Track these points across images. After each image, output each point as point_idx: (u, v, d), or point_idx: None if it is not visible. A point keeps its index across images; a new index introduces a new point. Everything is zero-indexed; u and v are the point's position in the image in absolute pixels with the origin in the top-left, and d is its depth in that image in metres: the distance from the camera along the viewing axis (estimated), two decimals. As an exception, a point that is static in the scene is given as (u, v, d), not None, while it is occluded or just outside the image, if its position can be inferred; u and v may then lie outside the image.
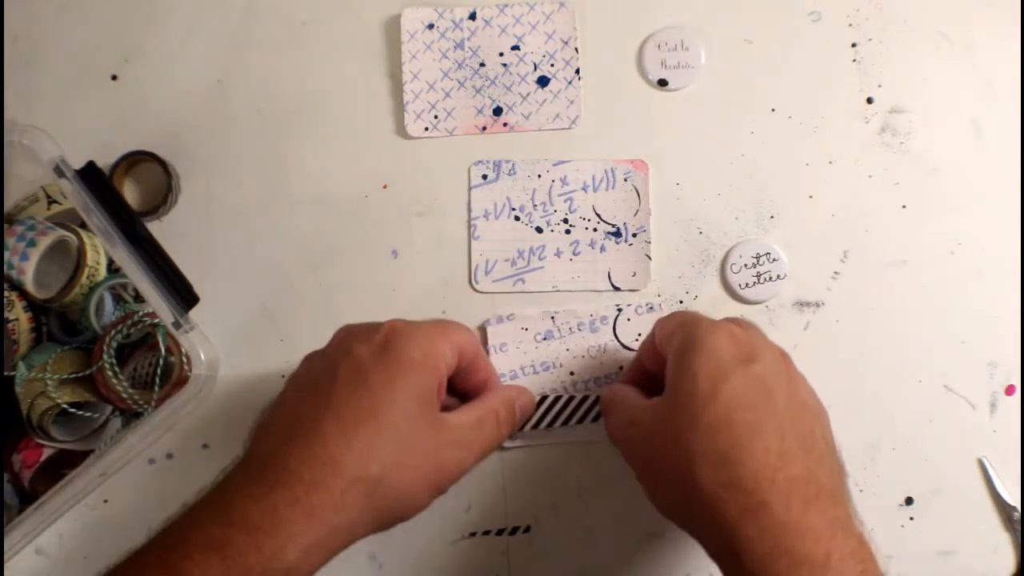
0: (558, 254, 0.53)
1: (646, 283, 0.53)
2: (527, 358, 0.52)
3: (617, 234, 0.53)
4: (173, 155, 0.54)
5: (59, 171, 0.49)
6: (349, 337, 0.44)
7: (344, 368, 0.42)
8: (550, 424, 0.52)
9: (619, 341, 0.52)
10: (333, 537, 0.39)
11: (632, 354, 0.52)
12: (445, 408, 0.44)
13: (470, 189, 0.54)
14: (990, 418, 0.52)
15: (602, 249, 0.53)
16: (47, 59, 0.55)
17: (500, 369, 0.52)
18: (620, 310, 0.52)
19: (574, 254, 0.53)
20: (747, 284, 0.52)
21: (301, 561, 0.38)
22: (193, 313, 0.50)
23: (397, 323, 0.44)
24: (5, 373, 0.52)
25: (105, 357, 0.52)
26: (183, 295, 0.50)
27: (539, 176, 0.54)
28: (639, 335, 0.52)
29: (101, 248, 0.53)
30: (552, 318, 0.53)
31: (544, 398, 0.52)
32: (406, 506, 0.42)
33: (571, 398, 0.52)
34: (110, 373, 0.52)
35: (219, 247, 0.54)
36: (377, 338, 0.43)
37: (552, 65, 0.54)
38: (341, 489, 0.39)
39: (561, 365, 0.53)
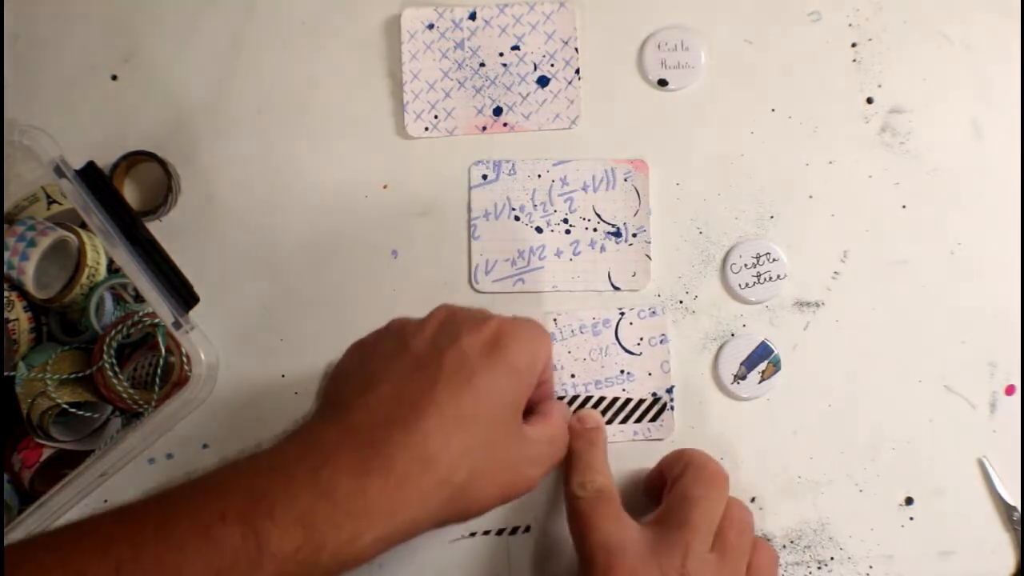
0: (558, 254, 0.53)
1: (646, 283, 0.53)
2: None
3: (617, 234, 0.53)
4: (173, 155, 0.54)
5: (59, 171, 0.49)
6: (455, 322, 0.43)
7: (451, 358, 0.41)
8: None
9: (621, 345, 0.52)
10: (405, 531, 0.39)
11: (632, 357, 0.52)
12: None
13: (470, 189, 0.54)
14: (990, 418, 0.52)
15: (602, 249, 0.53)
16: (47, 59, 0.55)
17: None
18: (623, 314, 0.53)
19: (574, 254, 0.53)
20: (747, 284, 0.52)
21: (370, 548, 0.38)
22: (193, 313, 0.50)
23: (504, 321, 0.43)
24: (5, 373, 0.52)
25: (105, 357, 0.52)
26: (183, 295, 0.50)
27: (539, 176, 0.54)
28: (640, 339, 0.52)
29: (101, 248, 0.53)
30: (555, 320, 0.53)
31: (560, 399, 0.52)
32: (473, 512, 0.42)
33: (575, 397, 0.52)
34: (110, 373, 0.52)
35: (219, 247, 0.54)
36: (487, 333, 0.42)
37: (552, 65, 0.54)
38: (429, 488, 0.39)
39: (562, 367, 0.53)
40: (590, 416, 0.50)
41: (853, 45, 0.54)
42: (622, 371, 0.52)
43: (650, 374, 0.52)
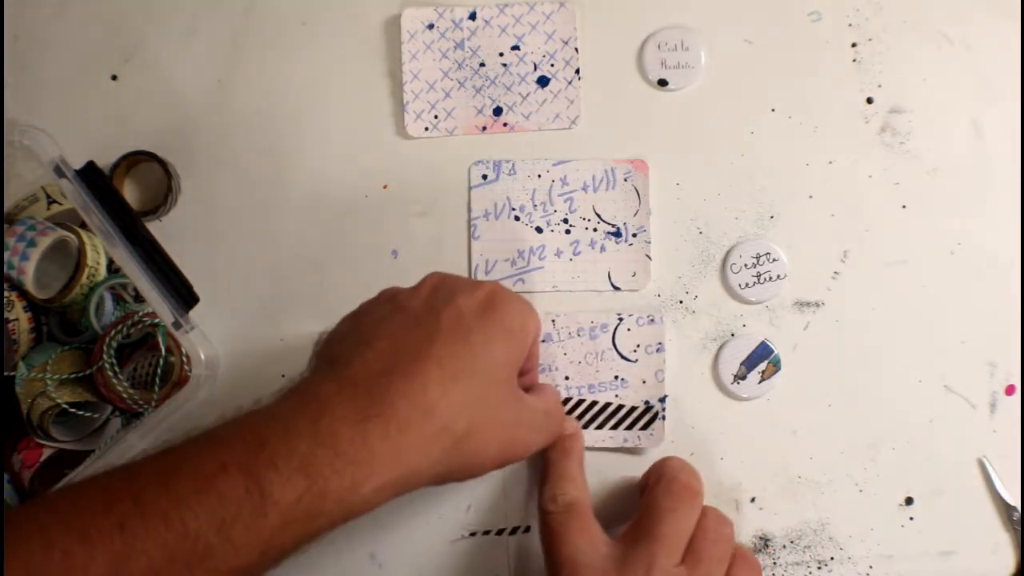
0: (558, 254, 0.53)
1: (646, 283, 0.53)
2: (526, 358, 0.52)
3: (617, 234, 0.53)
4: (173, 155, 0.54)
5: (59, 171, 0.49)
6: (448, 286, 0.44)
7: (447, 316, 0.42)
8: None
9: (617, 351, 0.52)
10: (406, 479, 0.39)
11: (628, 364, 0.52)
12: None
13: (470, 189, 0.54)
14: (990, 418, 0.52)
15: (602, 249, 0.53)
16: (47, 59, 0.55)
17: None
18: (621, 319, 0.52)
19: (574, 254, 0.53)
20: (747, 284, 0.52)
21: (373, 496, 0.38)
22: (193, 313, 0.50)
23: (497, 286, 0.44)
24: (5, 373, 0.52)
25: (105, 357, 0.52)
26: (183, 295, 0.50)
27: (539, 176, 0.54)
28: (637, 346, 0.52)
29: (101, 248, 0.53)
30: (553, 321, 0.53)
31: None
32: (473, 467, 0.42)
33: (567, 400, 0.52)
34: (110, 373, 0.52)
35: (219, 247, 0.54)
36: (480, 295, 0.43)
37: (552, 65, 0.54)
38: (429, 435, 0.39)
39: (557, 368, 0.53)
40: (568, 422, 0.51)
41: (853, 45, 0.54)
42: (616, 377, 0.52)
43: (644, 382, 0.52)
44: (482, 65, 0.54)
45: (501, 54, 0.54)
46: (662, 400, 0.52)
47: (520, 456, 0.45)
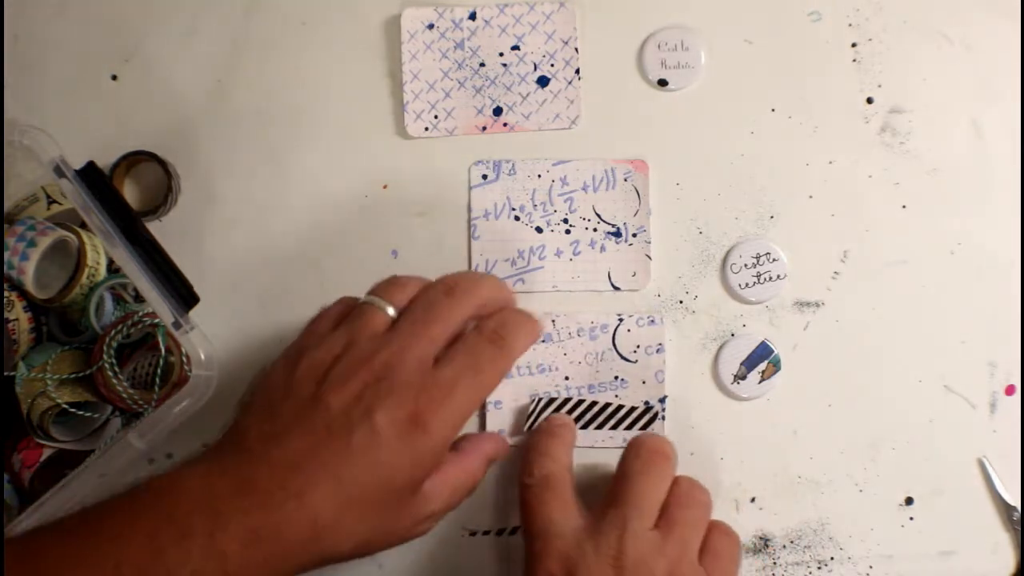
0: (558, 254, 0.53)
1: (646, 283, 0.53)
2: (524, 359, 0.52)
3: (617, 234, 0.53)
4: (173, 155, 0.54)
5: (59, 171, 0.49)
6: (376, 388, 0.41)
7: (361, 436, 0.40)
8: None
9: (617, 351, 0.52)
10: None
11: (628, 365, 0.52)
12: None
13: (470, 189, 0.54)
14: (990, 418, 0.52)
15: (602, 249, 0.53)
16: (47, 59, 0.55)
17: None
18: (621, 320, 0.52)
19: (574, 254, 0.53)
20: (747, 284, 0.52)
21: None
22: (193, 313, 0.50)
23: (432, 400, 0.41)
24: (5, 373, 0.52)
25: (105, 357, 0.52)
26: (183, 295, 0.50)
27: (539, 176, 0.54)
28: (637, 347, 0.52)
29: (101, 248, 0.53)
30: (553, 321, 0.53)
31: (552, 400, 0.52)
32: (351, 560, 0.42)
33: (567, 399, 0.52)
34: (110, 373, 0.52)
35: (219, 247, 0.54)
36: (402, 414, 0.40)
37: (552, 65, 0.54)
38: (314, 555, 0.39)
39: (557, 369, 0.53)
40: (558, 416, 0.51)
41: (853, 45, 0.54)
42: (616, 377, 0.52)
43: (644, 382, 0.52)
44: (482, 65, 0.54)
45: (501, 54, 0.54)
46: (662, 401, 0.52)
47: (418, 537, 0.45)
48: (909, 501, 0.52)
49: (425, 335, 0.43)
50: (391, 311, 0.44)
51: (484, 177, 0.54)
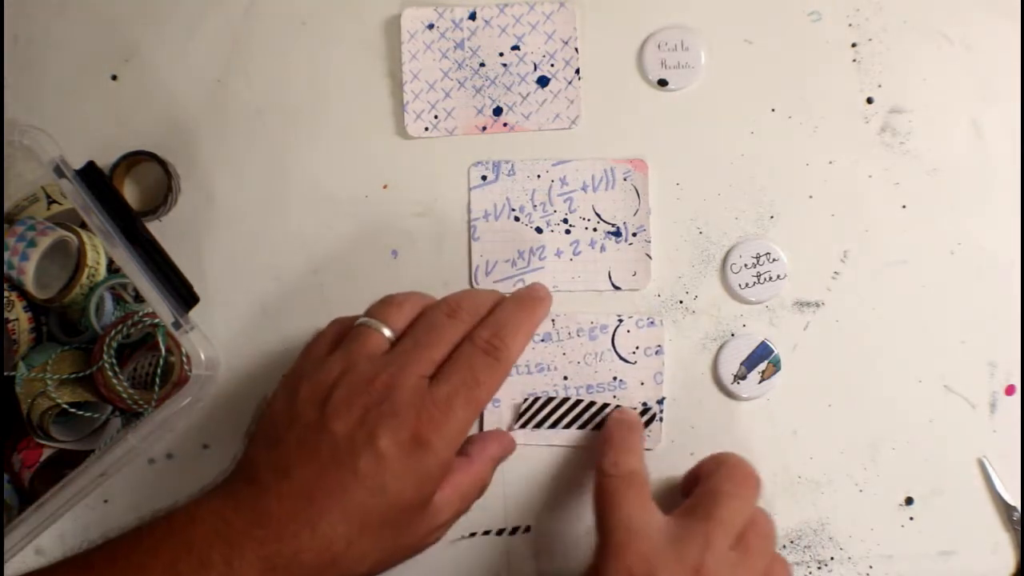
0: (558, 254, 0.53)
1: (646, 283, 0.53)
2: (523, 358, 0.52)
3: (617, 234, 0.53)
4: (173, 155, 0.54)
5: (59, 171, 0.49)
6: (378, 411, 0.41)
7: (366, 463, 0.40)
8: (551, 424, 0.52)
9: (616, 352, 0.52)
10: None
11: (627, 366, 0.52)
12: None
13: (470, 190, 0.54)
14: (990, 418, 0.52)
15: (602, 249, 0.53)
16: (47, 59, 0.55)
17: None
18: (621, 320, 0.52)
19: (574, 254, 0.53)
20: (747, 284, 0.52)
21: None
22: (193, 313, 0.50)
23: (431, 420, 0.41)
24: (5, 373, 0.52)
25: (105, 357, 0.52)
26: (183, 295, 0.50)
27: (539, 176, 0.54)
28: (636, 348, 0.52)
29: (101, 248, 0.53)
30: (552, 321, 0.53)
31: (550, 399, 0.52)
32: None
33: (565, 399, 0.52)
34: (110, 373, 0.52)
35: (219, 247, 0.54)
36: (404, 436, 0.41)
37: (552, 65, 0.54)
38: None
39: (555, 368, 0.53)
40: (627, 410, 0.51)
41: (853, 45, 0.54)
42: (615, 378, 0.52)
43: (642, 384, 0.52)
44: (482, 65, 0.54)
45: (501, 54, 0.54)
46: (660, 402, 0.52)
47: (428, 547, 0.46)
48: (909, 501, 0.52)
49: (425, 358, 0.43)
50: (388, 332, 0.45)
51: (483, 178, 0.54)
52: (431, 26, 0.54)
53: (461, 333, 0.44)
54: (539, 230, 0.53)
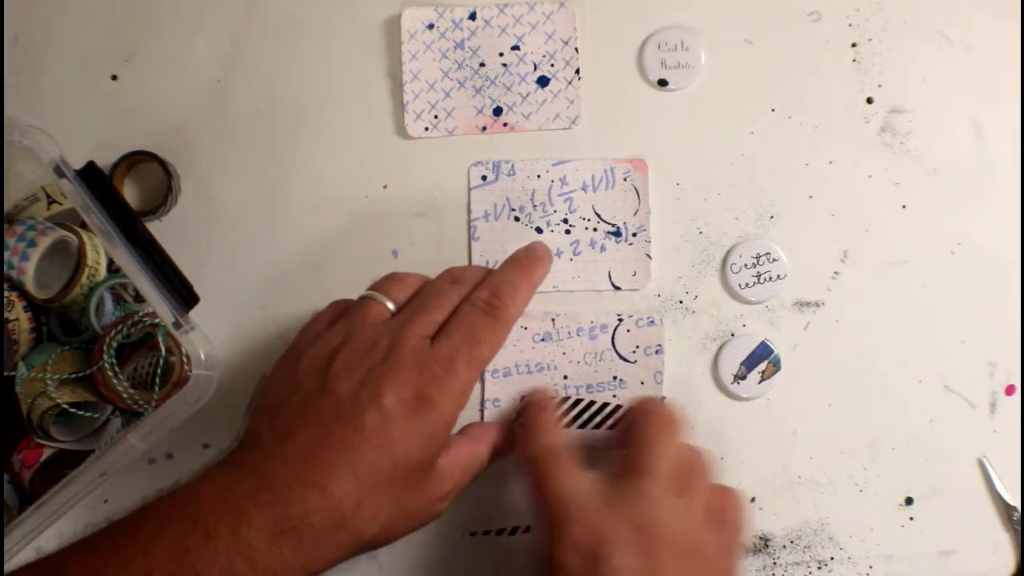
0: (558, 254, 0.53)
1: (646, 283, 0.53)
2: (523, 357, 0.52)
3: (617, 234, 0.53)
4: (173, 155, 0.54)
5: (59, 171, 0.49)
6: (381, 370, 0.42)
7: (372, 419, 0.40)
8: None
9: (616, 351, 0.52)
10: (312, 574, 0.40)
11: (627, 365, 0.52)
12: None
13: (470, 190, 0.54)
14: (990, 418, 0.52)
15: (602, 249, 0.53)
16: (47, 59, 0.55)
17: (495, 365, 0.52)
18: (621, 320, 0.52)
19: (574, 254, 0.53)
20: (747, 284, 0.52)
21: None
22: (193, 313, 0.50)
23: (434, 377, 0.42)
24: (5, 373, 0.52)
25: (105, 357, 0.52)
26: (183, 295, 0.50)
27: (539, 176, 0.54)
28: (636, 347, 0.52)
29: (101, 248, 0.53)
30: (552, 320, 0.53)
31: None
32: (377, 548, 0.43)
33: (566, 398, 0.52)
34: (110, 373, 0.52)
35: (219, 247, 0.54)
36: (411, 389, 0.41)
37: (552, 65, 0.54)
38: (341, 544, 0.40)
39: (555, 367, 0.53)
40: (538, 390, 0.50)
41: (853, 45, 0.54)
42: (615, 377, 0.52)
43: (642, 383, 0.52)
44: (482, 65, 0.54)
45: (501, 54, 0.54)
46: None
47: (427, 523, 0.45)
48: (909, 501, 0.52)
49: (427, 320, 0.44)
50: (390, 305, 0.46)
51: (483, 178, 0.54)
52: (431, 26, 0.54)
53: (462, 297, 0.45)
54: (539, 230, 0.53)
